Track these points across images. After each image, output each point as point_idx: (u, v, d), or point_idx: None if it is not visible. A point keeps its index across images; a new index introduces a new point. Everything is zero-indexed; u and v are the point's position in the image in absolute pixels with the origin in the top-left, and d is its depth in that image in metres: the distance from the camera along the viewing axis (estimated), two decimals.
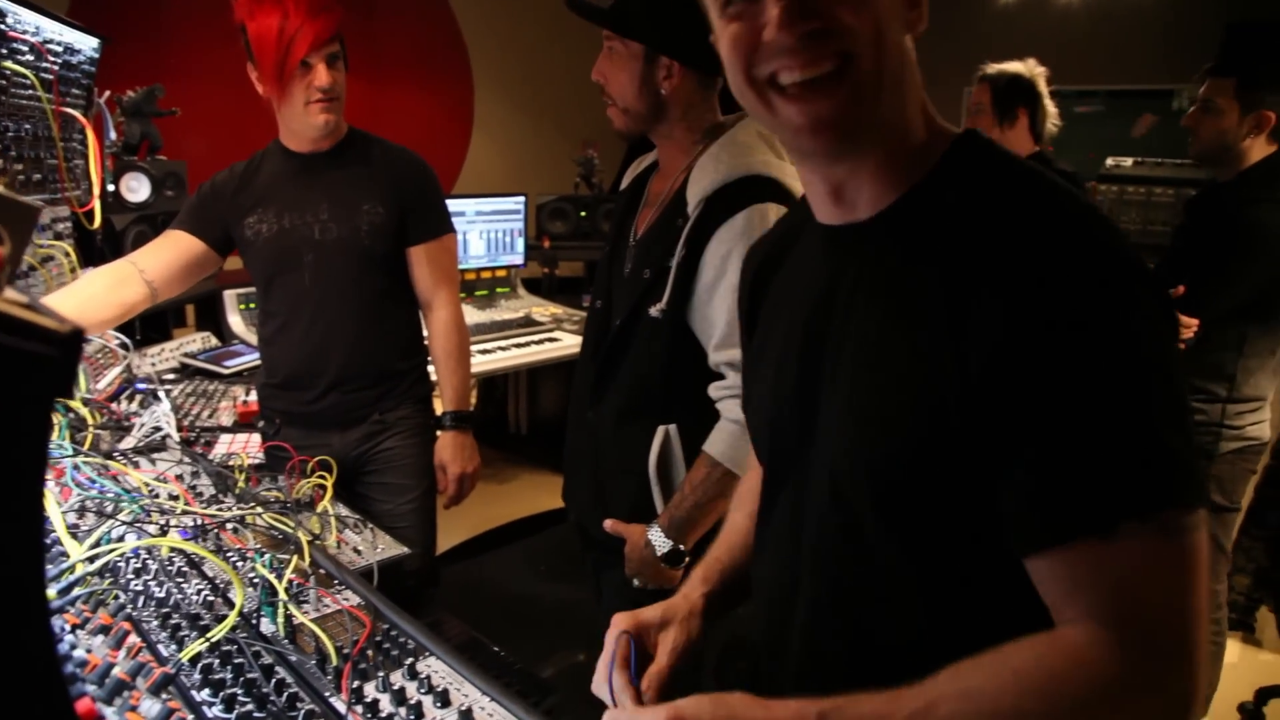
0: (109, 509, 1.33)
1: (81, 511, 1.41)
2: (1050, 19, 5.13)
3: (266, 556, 1.30)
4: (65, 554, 1.15)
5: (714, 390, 1.52)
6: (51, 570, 1.08)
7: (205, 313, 3.56)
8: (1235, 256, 2.33)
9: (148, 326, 3.23)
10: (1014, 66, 2.93)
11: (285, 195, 1.99)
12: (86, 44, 2.54)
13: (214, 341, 3.23)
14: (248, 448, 2.04)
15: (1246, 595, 3.41)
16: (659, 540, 1.53)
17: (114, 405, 2.23)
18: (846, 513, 0.85)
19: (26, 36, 2.08)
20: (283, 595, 1.19)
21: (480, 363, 3.57)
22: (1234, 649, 3.26)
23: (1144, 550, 0.68)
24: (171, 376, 2.80)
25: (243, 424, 2.25)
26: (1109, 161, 4.18)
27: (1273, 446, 3.04)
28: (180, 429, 2.16)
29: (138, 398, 2.37)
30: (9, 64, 2.03)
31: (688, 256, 1.50)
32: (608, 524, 1.59)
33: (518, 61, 5.28)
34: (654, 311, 1.53)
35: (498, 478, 4.61)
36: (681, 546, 1.53)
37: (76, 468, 1.42)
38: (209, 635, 1.01)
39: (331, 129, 1.95)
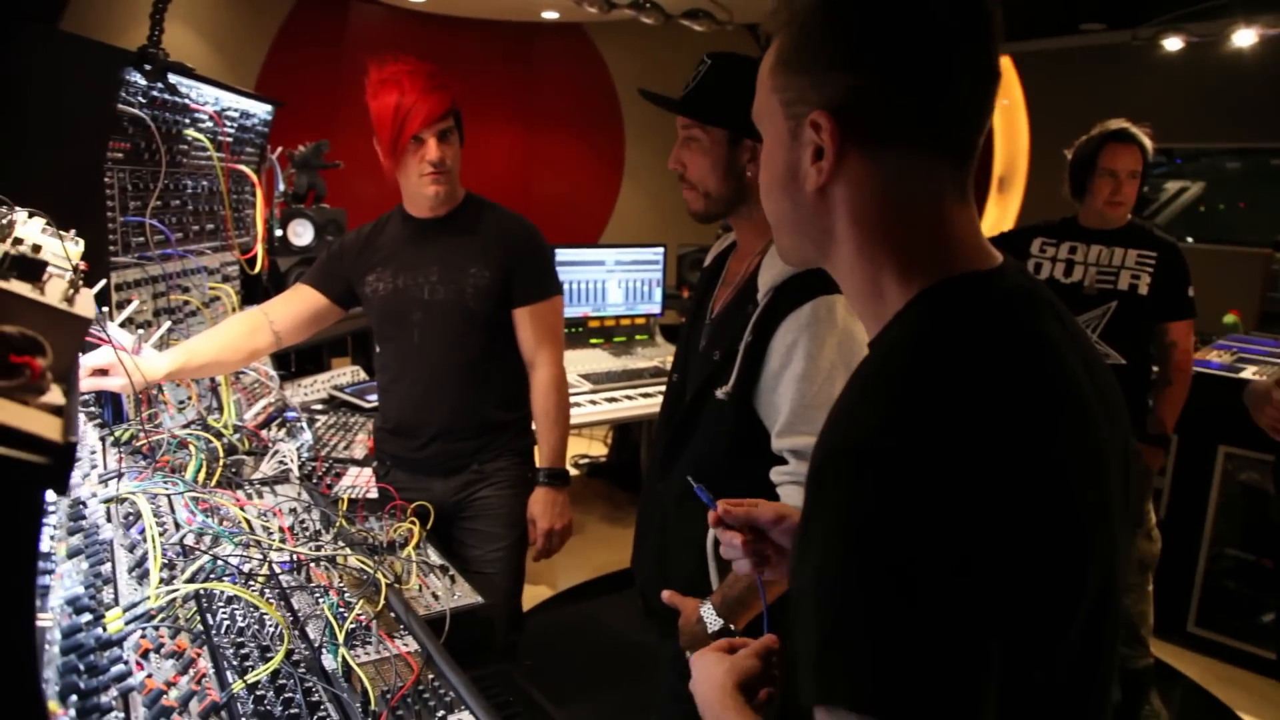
0: (207, 543, 1.49)
1: (199, 537, 1.58)
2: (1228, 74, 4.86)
3: (334, 598, 1.42)
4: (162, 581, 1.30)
5: (775, 475, 1.53)
6: (136, 596, 1.23)
7: (359, 346, 3.85)
8: None
9: (303, 359, 3.53)
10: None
11: (402, 257, 2.15)
12: (261, 109, 2.85)
13: (362, 375, 3.47)
14: (370, 483, 2.21)
15: None
16: (710, 618, 1.54)
17: (263, 433, 2.47)
18: None
19: (205, 108, 2.37)
20: (340, 639, 1.30)
21: (612, 410, 3.71)
22: None
23: None
24: (319, 407, 3.05)
25: (372, 458, 2.44)
26: None
27: None
28: (317, 458, 2.37)
29: (287, 426, 2.61)
30: (190, 131, 2.31)
31: (754, 342, 1.52)
32: (665, 595, 1.61)
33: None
34: (720, 394, 1.56)
35: (627, 520, 4.69)
36: (732, 626, 1.54)
37: (191, 505, 1.60)
38: (246, 677, 1.12)
39: (443, 199, 2.10)
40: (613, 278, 4.39)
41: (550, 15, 5.67)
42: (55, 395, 0.70)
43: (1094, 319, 2.94)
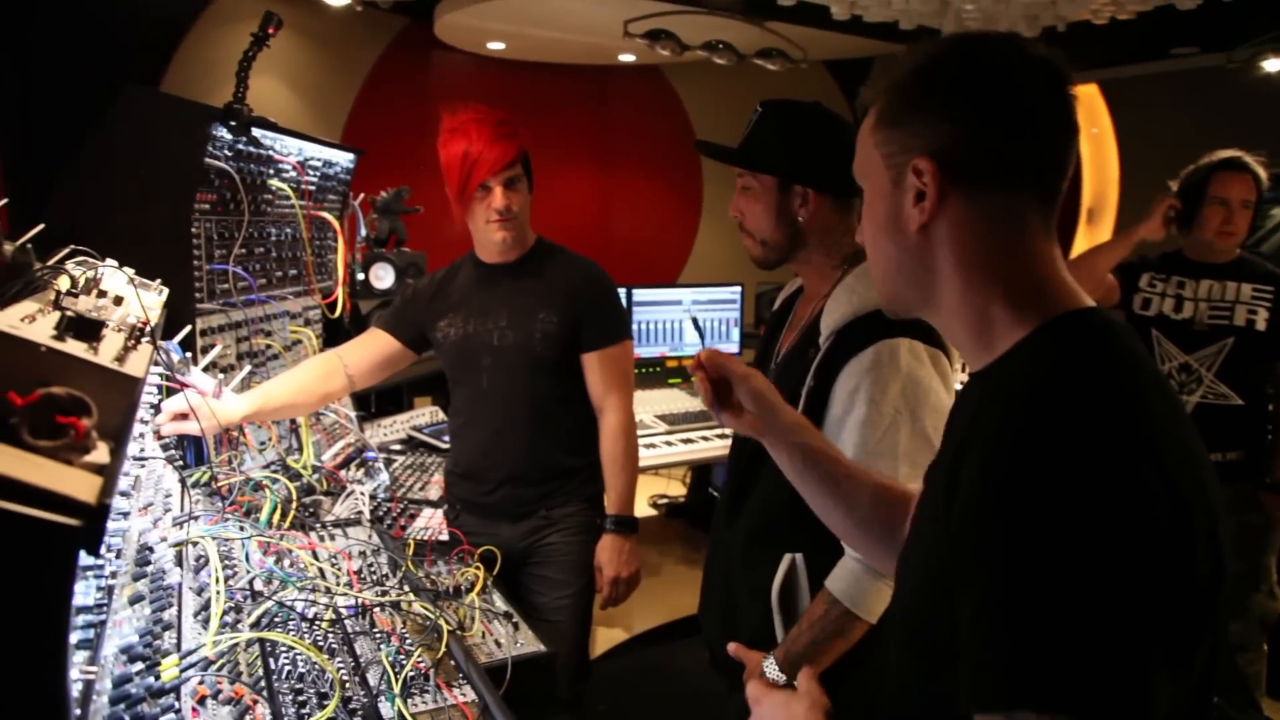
0: (273, 588, 1.50)
1: (268, 580, 1.61)
2: None
3: (393, 645, 1.42)
4: (227, 626, 1.32)
5: None
6: (197, 643, 1.25)
7: (441, 386, 3.89)
8: None
9: (384, 399, 3.60)
10: None
11: (472, 302, 2.17)
12: (344, 157, 2.94)
13: (440, 416, 3.51)
14: (443, 525, 2.23)
15: None
16: (773, 673, 1.49)
17: (341, 473, 2.52)
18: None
19: (289, 158, 2.45)
20: (395, 690, 1.29)
21: (689, 451, 3.67)
22: None
23: None
24: (398, 447, 3.09)
25: (445, 500, 2.46)
26: None
27: None
28: (392, 499, 2.40)
29: (365, 466, 2.66)
30: (274, 181, 2.40)
31: (816, 388, 1.49)
32: (731, 648, 1.57)
33: None
34: None
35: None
36: (795, 684, 1.49)
37: (265, 548, 1.62)
38: None
39: (511, 245, 2.12)
40: (690, 317, 4.37)
41: (627, 58, 5.76)
42: (100, 454, 0.70)
43: (1209, 357, 2.79)
